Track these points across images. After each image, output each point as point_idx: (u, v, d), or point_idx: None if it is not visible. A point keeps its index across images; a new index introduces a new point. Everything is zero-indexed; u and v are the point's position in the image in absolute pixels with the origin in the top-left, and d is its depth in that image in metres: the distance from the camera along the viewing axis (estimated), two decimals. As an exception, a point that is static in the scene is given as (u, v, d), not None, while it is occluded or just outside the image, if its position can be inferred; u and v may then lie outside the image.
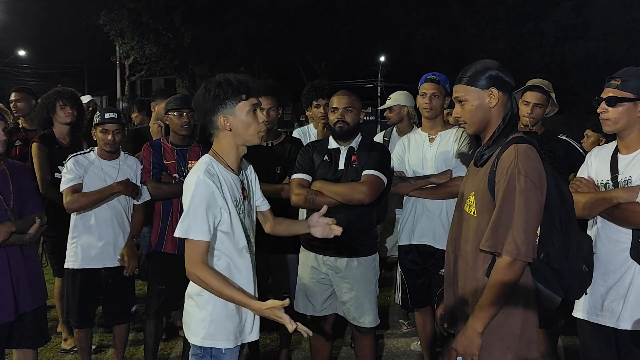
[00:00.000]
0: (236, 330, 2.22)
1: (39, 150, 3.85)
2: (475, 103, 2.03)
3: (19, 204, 2.84)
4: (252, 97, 2.15)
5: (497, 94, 2.00)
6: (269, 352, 4.04)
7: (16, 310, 2.81)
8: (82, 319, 3.46)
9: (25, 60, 35.38)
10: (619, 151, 2.41)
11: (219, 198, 2.11)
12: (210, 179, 2.09)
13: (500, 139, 2.01)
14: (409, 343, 4.21)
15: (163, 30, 22.69)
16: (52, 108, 3.90)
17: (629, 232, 2.28)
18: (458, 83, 2.08)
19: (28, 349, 2.98)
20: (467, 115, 2.06)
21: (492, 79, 2.01)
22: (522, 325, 1.98)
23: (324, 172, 3.11)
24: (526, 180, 1.86)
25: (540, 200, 1.89)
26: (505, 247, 1.87)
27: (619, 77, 2.34)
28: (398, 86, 18.30)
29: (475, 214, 2.02)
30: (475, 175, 2.09)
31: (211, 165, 2.15)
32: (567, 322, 3.11)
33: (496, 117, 2.03)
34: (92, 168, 3.37)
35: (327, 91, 4.02)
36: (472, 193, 2.05)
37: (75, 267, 3.39)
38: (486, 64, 2.05)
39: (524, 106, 3.47)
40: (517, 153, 1.90)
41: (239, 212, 2.21)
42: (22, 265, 2.85)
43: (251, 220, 2.34)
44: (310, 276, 3.17)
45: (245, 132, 2.18)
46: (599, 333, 2.39)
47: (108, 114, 3.36)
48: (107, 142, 3.36)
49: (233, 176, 2.22)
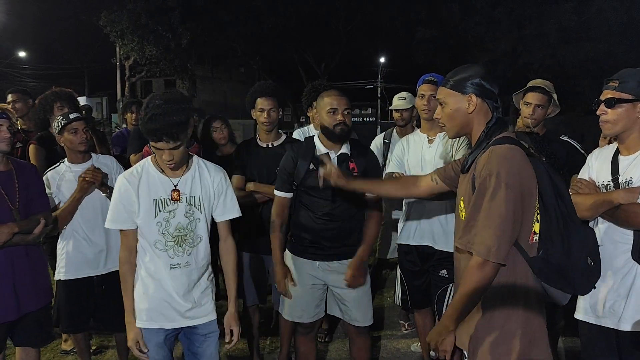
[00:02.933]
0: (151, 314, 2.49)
1: (37, 152, 3.83)
2: (453, 107, 2.08)
3: (25, 203, 2.83)
4: (156, 141, 2.34)
5: (476, 100, 2.04)
6: (269, 352, 4.04)
7: (18, 310, 2.80)
8: (76, 325, 3.40)
9: (25, 61, 35.40)
10: (620, 152, 2.41)
11: (132, 195, 2.44)
12: (128, 177, 2.47)
13: (482, 143, 2.04)
14: (409, 344, 4.21)
15: (162, 31, 22.69)
16: (50, 109, 3.84)
17: (630, 234, 2.28)
18: (442, 85, 2.14)
19: (31, 348, 2.98)
20: (445, 118, 2.13)
21: (473, 85, 2.05)
22: (524, 325, 1.98)
23: (314, 182, 2.84)
24: (497, 181, 1.87)
25: (514, 200, 1.88)
26: (476, 247, 1.91)
27: (617, 78, 2.34)
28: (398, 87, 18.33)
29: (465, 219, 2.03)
30: (463, 180, 2.13)
31: (140, 166, 2.51)
32: (567, 323, 3.11)
33: (477, 122, 2.07)
34: (64, 182, 3.26)
35: (327, 92, 4.02)
36: (462, 199, 2.09)
37: (67, 278, 3.30)
38: (471, 71, 2.08)
39: (526, 107, 3.47)
40: (491, 155, 1.93)
41: (160, 210, 2.45)
42: (26, 265, 2.84)
43: (190, 222, 2.51)
44: (305, 283, 3.10)
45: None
46: (600, 334, 2.38)
47: (72, 115, 3.29)
48: (81, 142, 3.25)
49: (161, 177, 2.48)
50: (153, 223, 2.45)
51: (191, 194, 2.51)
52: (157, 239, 2.46)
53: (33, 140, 3.92)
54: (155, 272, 2.49)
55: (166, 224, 2.47)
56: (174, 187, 2.48)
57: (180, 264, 2.49)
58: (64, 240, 3.31)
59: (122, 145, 5.17)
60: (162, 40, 23.11)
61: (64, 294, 3.33)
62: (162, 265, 2.48)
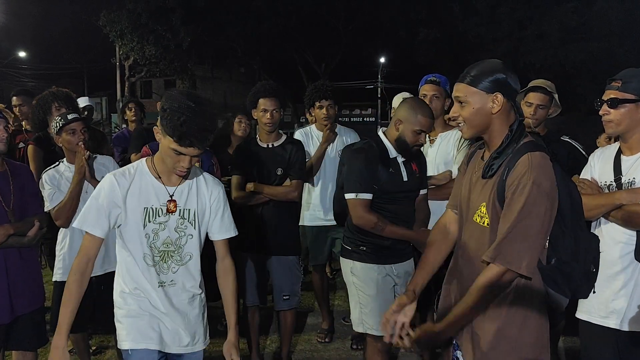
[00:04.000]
0: (145, 333, 2.24)
1: (35, 152, 3.82)
2: (476, 106, 1.89)
3: (20, 205, 2.82)
4: (180, 145, 2.06)
5: (502, 100, 1.87)
6: (269, 352, 4.03)
7: (12, 313, 2.79)
8: (75, 325, 3.38)
9: (25, 61, 35.40)
10: (622, 153, 2.40)
11: (119, 199, 2.16)
12: (118, 178, 2.18)
13: (509, 148, 1.90)
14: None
15: (162, 31, 22.69)
16: (48, 109, 3.81)
17: (633, 234, 2.27)
18: (461, 81, 1.94)
19: (27, 351, 2.97)
20: (466, 118, 1.94)
21: (499, 83, 1.87)
22: (537, 333, 1.93)
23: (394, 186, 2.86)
24: (539, 193, 1.78)
25: (551, 210, 1.82)
26: (508, 257, 1.79)
27: (619, 78, 2.33)
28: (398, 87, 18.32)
29: (487, 225, 1.93)
30: (483, 185, 1.97)
31: (134, 167, 2.23)
32: (567, 322, 3.10)
33: (499, 124, 1.91)
34: (63, 181, 3.22)
35: (329, 92, 4.03)
36: (483, 204, 1.94)
37: (64, 280, 3.26)
38: (494, 65, 1.91)
39: (527, 107, 3.48)
40: (531, 163, 1.81)
41: (150, 221, 2.20)
42: (20, 267, 2.83)
43: (180, 237, 2.26)
44: (387, 287, 2.95)
45: (164, 159, 2.17)
46: (601, 334, 2.37)
47: (70, 115, 3.26)
48: (78, 142, 3.20)
49: (156, 184, 2.22)
50: (142, 234, 2.19)
51: (185, 206, 2.25)
52: (146, 252, 2.21)
53: (31, 140, 3.92)
54: (144, 289, 2.24)
55: (154, 237, 2.21)
56: (170, 197, 2.22)
57: (165, 282, 2.25)
58: (62, 241, 3.30)
59: (122, 145, 5.16)
60: (161, 40, 23.11)
61: (59, 295, 3.29)
62: (151, 281, 2.23)
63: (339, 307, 4.94)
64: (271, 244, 3.50)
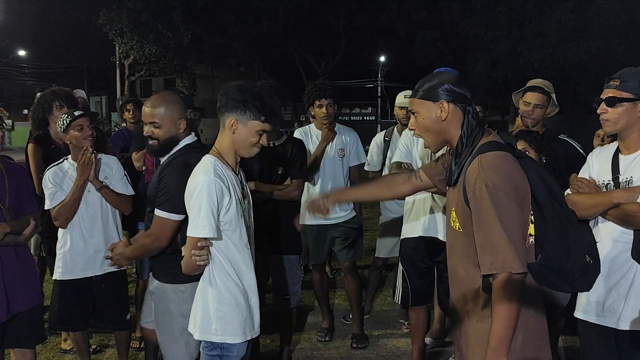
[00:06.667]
0: (244, 326, 2.31)
1: (35, 151, 3.81)
2: (425, 115, 2.00)
3: (15, 204, 2.82)
4: (268, 123, 2.25)
5: (447, 106, 1.96)
6: (269, 352, 4.04)
7: (8, 311, 2.80)
8: (75, 324, 3.38)
9: (25, 60, 35.39)
10: (620, 152, 2.41)
11: (227, 197, 2.18)
12: (220, 179, 2.17)
13: (464, 152, 1.96)
14: (409, 343, 4.19)
15: (162, 30, 22.69)
16: (49, 108, 3.82)
17: (630, 233, 2.28)
18: (412, 96, 2.06)
19: (25, 349, 2.97)
20: (420, 129, 2.05)
21: (444, 91, 1.97)
22: (536, 330, 1.94)
23: None
24: (494, 192, 1.80)
25: (515, 207, 1.82)
26: (497, 265, 1.80)
27: (617, 77, 2.35)
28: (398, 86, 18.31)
29: (460, 229, 1.98)
30: (452, 191, 2.03)
31: (216, 166, 2.21)
32: (567, 322, 3.11)
33: (454, 130, 1.99)
34: (66, 179, 3.23)
35: (329, 91, 4.02)
36: (453, 208, 2.01)
37: (64, 279, 3.26)
38: (440, 78, 2.01)
39: (525, 107, 3.50)
40: (480, 166, 1.85)
41: (242, 210, 2.28)
42: (16, 266, 2.83)
43: (250, 218, 2.41)
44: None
45: (242, 144, 2.27)
46: (599, 333, 2.38)
47: (77, 112, 3.28)
48: (87, 137, 3.22)
49: (234, 175, 2.29)
50: (243, 225, 2.29)
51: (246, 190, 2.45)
52: (247, 242, 2.34)
53: (31, 139, 3.92)
54: (250, 280, 2.37)
55: (249, 225, 2.40)
56: (241, 184, 2.35)
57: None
58: (62, 240, 3.30)
59: (122, 144, 5.16)
60: (161, 39, 23.11)
61: (59, 294, 3.29)
62: (253, 271, 2.37)
63: (339, 306, 4.95)
64: (271, 243, 3.50)
